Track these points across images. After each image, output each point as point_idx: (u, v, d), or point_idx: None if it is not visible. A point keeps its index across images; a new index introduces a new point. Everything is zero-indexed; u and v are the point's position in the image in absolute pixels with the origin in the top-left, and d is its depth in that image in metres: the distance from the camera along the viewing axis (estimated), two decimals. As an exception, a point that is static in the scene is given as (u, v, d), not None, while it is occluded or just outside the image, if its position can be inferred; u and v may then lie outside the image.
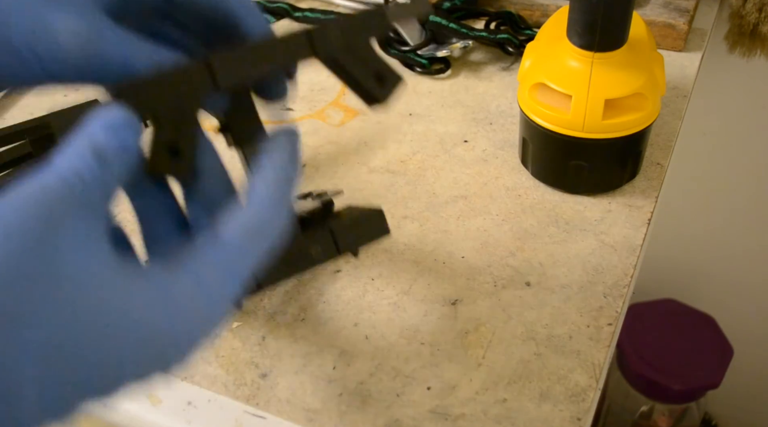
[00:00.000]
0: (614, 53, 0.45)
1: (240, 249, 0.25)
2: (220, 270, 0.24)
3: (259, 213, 0.26)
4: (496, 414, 0.38)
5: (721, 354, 0.95)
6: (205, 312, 0.24)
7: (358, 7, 0.72)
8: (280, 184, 0.27)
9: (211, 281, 0.24)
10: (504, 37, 0.63)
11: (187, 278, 0.23)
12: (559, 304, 0.43)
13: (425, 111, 0.59)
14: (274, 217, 0.26)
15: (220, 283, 0.24)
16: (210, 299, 0.24)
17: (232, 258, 0.25)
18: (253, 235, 0.25)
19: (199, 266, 0.24)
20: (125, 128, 0.24)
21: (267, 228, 0.26)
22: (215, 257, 0.24)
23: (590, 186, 0.50)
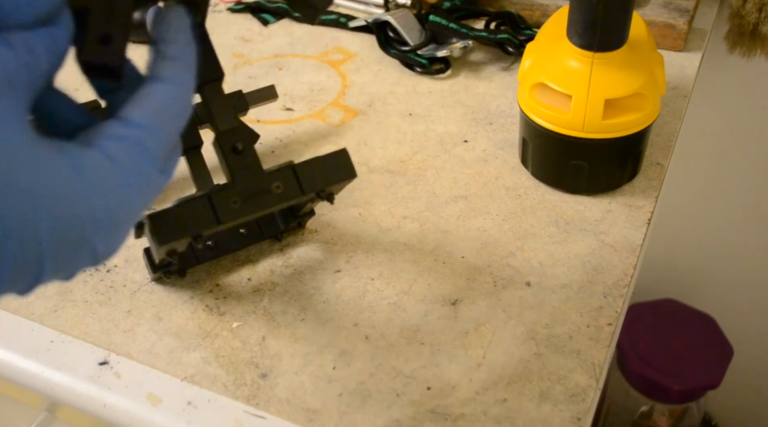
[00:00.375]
0: (614, 53, 0.45)
1: (147, 127, 0.26)
2: (130, 146, 0.25)
3: (162, 92, 0.27)
4: (496, 414, 0.38)
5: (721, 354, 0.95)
6: (120, 187, 0.25)
7: (359, 8, 0.72)
8: (180, 63, 0.28)
9: (121, 156, 0.25)
10: (504, 37, 0.63)
11: (97, 153, 0.24)
12: (559, 304, 0.43)
13: (425, 111, 0.59)
14: (177, 95, 0.27)
15: (131, 159, 0.25)
16: (123, 174, 0.25)
17: (141, 135, 0.25)
18: (158, 113, 0.26)
19: (109, 142, 0.25)
20: (54, 19, 0.25)
21: (172, 106, 0.27)
22: (124, 135, 0.25)
23: (590, 186, 0.50)
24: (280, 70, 0.65)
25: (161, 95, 0.27)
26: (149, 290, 0.45)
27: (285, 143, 0.57)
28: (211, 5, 0.76)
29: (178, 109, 0.27)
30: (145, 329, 0.43)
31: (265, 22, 0.73)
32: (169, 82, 0.27)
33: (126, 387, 0.40)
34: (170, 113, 0.27)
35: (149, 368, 0.41)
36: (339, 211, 0.50)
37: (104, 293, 0.45)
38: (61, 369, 0.41)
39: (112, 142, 0.25)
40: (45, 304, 0.45)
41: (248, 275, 0.46)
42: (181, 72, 0.28)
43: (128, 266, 0.47)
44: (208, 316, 0.43)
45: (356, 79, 0.64)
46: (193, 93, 0.28)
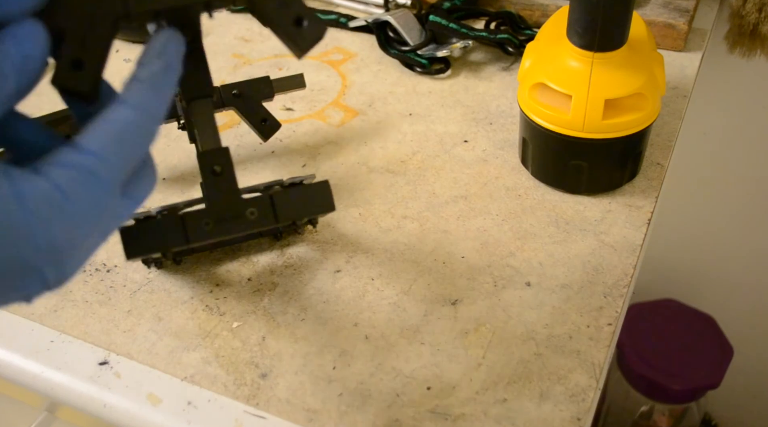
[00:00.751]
0: (614, 53, 0.45)
1: (100, 155, 0.25)
2: (80, 175, 0.24)
3: (120, 116, 0.26)
4: (496, 414, 0.38)
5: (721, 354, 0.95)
6: (66, 218, 0.24)
7: (359, 8, 0.72)
8: (147, 87, 0.27)
9: (69, 186, 0.24)
10: (504, 37, 0.63)
11: (44, 182, 0.24)
12: (559, 304, 0.43)
13: (425, 111, 0.59)
14: (137, 120, 0.26)
15: (81, 188, 0.24)
16: (70, 204, 0.24)
17: (92, 163, 0.25)
18: (114, 139, 0.26)
19: (58, 170, 0.24)
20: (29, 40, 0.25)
21: (129, 131, 0.26)
22: (75, 162, 0.24)
23: (590, 186, 0.50)
24: (280, 70, 0.65)
25: (119, 120, 0.26)
26: (149, 290, 0.45)
27: (285, 143, 0.57)
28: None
29: (137, 135, 0.26)
30: (145, 329, 0.43)
31: (265, 22, 0.73)
32: (130, 106, 0.26)
33: (126, 387, 0.40)
34: (127, 139, 0.26)
35: (149, 368, 0.41)
36: (339, 211, 0.50)
37: (104, 293, 0.45)
38: (61, 369, 0.41)
39: (60, 171, 0.24)
40: (45, 304, 0.45)
41: (248, 275, 0.46)
42: (146, 96, 0.27)
43: (128, 266, 0.47)
44: (208, 316, 0.43)
45: (356, 79, 0.64)
46: (159, 119, 0.27)
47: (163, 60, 0.28)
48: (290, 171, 0.54)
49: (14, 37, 0.24)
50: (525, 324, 0.42)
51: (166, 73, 0.28)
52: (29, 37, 0.25)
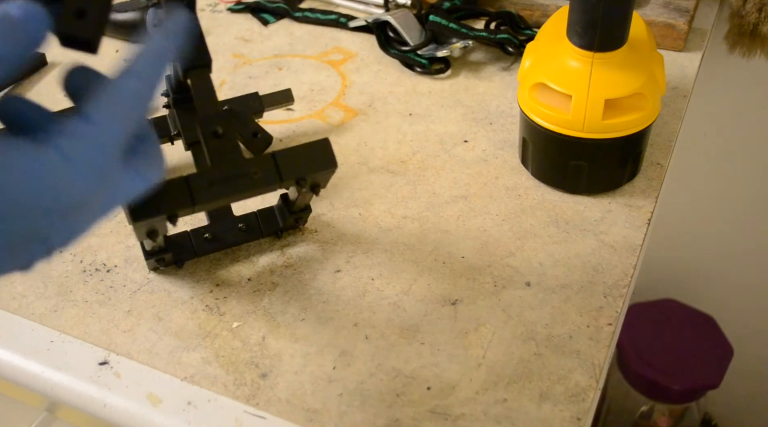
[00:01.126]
0: (614, 53, 0.45)
1: (103, 122, 0.26)
2: (84, 143, 0.25)
3: (121, 85, 0.27)
4: (496, 414, 0.38)
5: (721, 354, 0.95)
6: (73, 184, 0.25)
7: (359, 8, 0.72)
8: (146, 57, 0.28)
9: (74, 153, 0.25)
10: (504, 37, 0.63)
11: (51, 151, 0.25)
12: (559, 304, 0.43)
13: (425, 111, 0.59)
14: (136, 87, 0.27)
15: (87, 156, 0.25)
16: (77, 172, 0.25)
17: (97, 131, 0.26)
18: (115, 107, 0.26)
19: (63, 139, 0.25)
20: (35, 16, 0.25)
21: (128, 98, 0.27)
22: (80, 132, 0.25)
23: (590, 186, 0.50)
24: (280, 70, 0.65)
25: (119, 88, 0.27)
26: (149, 290, 0.45)
27: (285, 143, 0.57)
28: (211, 5, 0.76)
29: (135, 102, 0.27)
30: (145, 329, 0.43)
31: (265, 22, 0.73)
32: (130, 74, 0.27)
33: (126, 387, 0.40)
34: (126, 106, 0.27)
35: (149, 368, 0.41)
36: (339, 211, 0.50)
37: (104, 293, 0.45)
38: (61, 369, 0.41)
39: (65, 140, 0.25)
40: (45, 304, 0.45)
41: (248, 275, 0.46)
42: (145, 65, 0.28)
43: (128, 266, 0.47)
44: (208, 316, 0.43)
45: (356, 79, 0.64)
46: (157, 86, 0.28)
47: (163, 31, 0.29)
48: (290, 171, 0.54)
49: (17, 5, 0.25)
50: (525, 324, 0.42)
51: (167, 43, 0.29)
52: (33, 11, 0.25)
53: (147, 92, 0.28)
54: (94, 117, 0.26)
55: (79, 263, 0.47)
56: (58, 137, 0.25)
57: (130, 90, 0.27)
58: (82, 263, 0.47)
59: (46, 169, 0.24)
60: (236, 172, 0.36)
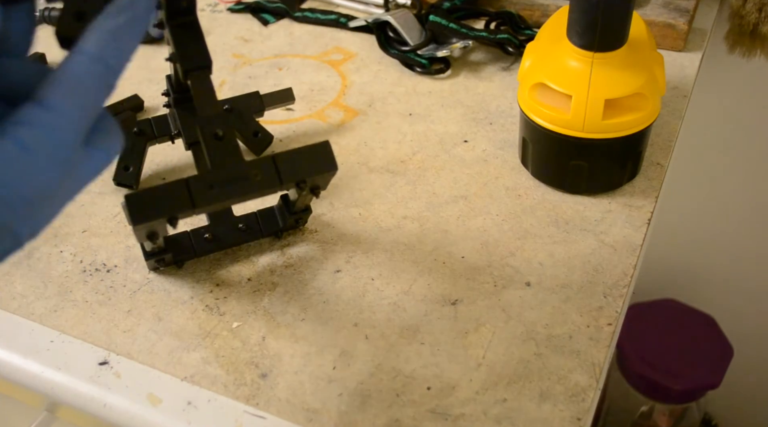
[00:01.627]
0: (614, 53, 0.45)
1: (58, 108, 0.25)
2: (45, 132, 0.25)
3: (77, 68, 0.26)
4: (496, 414, 0.38)
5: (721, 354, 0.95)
6: (33, 174, 0.25)
7: (359, 8, 0.72)
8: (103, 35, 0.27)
9: (33, 143, 0.25)
10: (504, 37, 0.63)
11: (10, 143, 0.24)
12: (559, 304, 0.43)
13: (425, 111, 0.59)
14: (94, 69, 0.26)
15: (47, 145, 0.25)
16: (38, 162, 0.25)
17: (52, 118, 0.25)
18: (71, 90, 0.26)
19: (20, 128, 0.25)
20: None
21: (86, 81, 0.26)
22: (38, 120, 0.25)
23: (590, 186, 0.50)
24: (280, 70, 0.65)
25: (75, 71, 0.26)
26: (149, 290, 0.45)
27: (285, 143, 0.57)
28: (211, 5, 0.76)
29: (94, 85, 0.26)
30: (145, 329, 0.43)
31: (265, 22, 0.73)
32: (89, 57, 0.26)
33: (126, 387, 0.40)
34: (84, 90, 0.26)
35: (149, 368, 0.41)
36: (339, 211, 0.50)
37: (104, 293, 0.45)
38: (61, 369, 0.41)
39: (23, 129, 0.25)
40: (45, 304, 0.45)
41: (248, 275, 0.46)
42: (107, 47, 0.27)
43: (128, 266, 0.47)
44: (208, 316, 0.43)
45: (356, 79, 0.64)
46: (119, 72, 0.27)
47: (132, 11, 0.28)
48: (290, 171, 0.54)
49: None
50: (525, 324, 0.42)
51: (132, 26, 0.28)
52: None
53: (106, 74, 0.27)
54: (52, 103, 0.25)
55: (79, 263, 0.47)
56: (15, 127, 0.25)
57: (87, 73, 0.26)
58: (82, 263, 0.47)
59: (4, 161, 0.24)
60: (236, 174, 0.36)
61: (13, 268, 0.47)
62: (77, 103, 0.26)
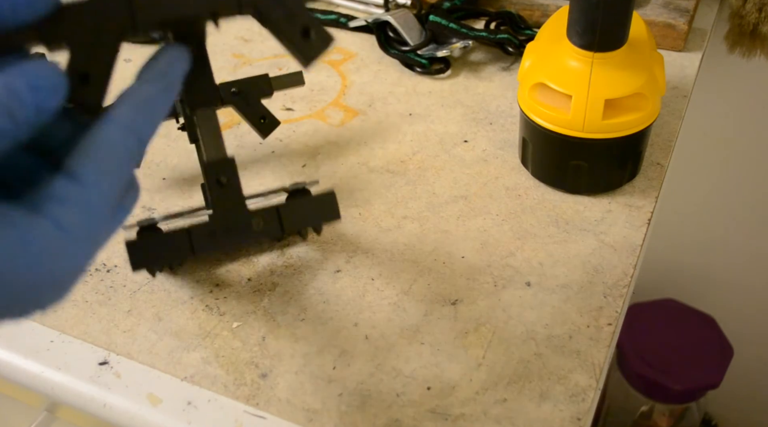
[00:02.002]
0: (614, 53, 0.45)
1: (93, 183, 0.25)
2: (76, 207, 0.24)
3: (109, 139, 0.25)
4: (496, 414, 0.38)
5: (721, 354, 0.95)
6: (66, 253, 0.24)
7: (359, 8, 0.72)
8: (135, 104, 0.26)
9: (67, 221, 0.24)
10: (504, 37, 0.63)
11: (44, 221, 0.23)
12: (559, 304, 0.43)
13: (425, 111, 0.59)
14: (126, 140, 0.26)
15: (78, 221, 0.24)
16: (72, 242, 0.24)
17: (87, 193, 0.24)
18: (105, 165, 0.25)
19: (55, 206, 0.24)
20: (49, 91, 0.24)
21: (119, 155, 0.25)
22: (70, 195, 0.24)
23: (590, 186, 0.50)
24: (280, 70, 0.65)
25: (112, 143, 0.25)
26: (149, 290, 0.45)
27: (285, 143, 0.57)
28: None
29: (126, 157, 0.26)
30: (145, 329, 0.43)
31: (265, 22, 0.73)
32: (122, 127, 0.26)
33: (126, 387, 0.40)
34: (117, 162, 0.25)
35: (149, 368, 0.41)
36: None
37: (104, 293, 0.45)
38: (61, 369, 0.41)
39: (58, 206, 0.24)
40: (45, 304, 0.45)
41: (248, 275, 0.46)
42: (140, 118, 0.26)
43: (128, 266, 0.47)
44: (208, 316, 0.43)
45: (356, 79, 0.64)
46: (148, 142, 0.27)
47: (165, 81, 0.27)
48: (290, 171, 0.54)
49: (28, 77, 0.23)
50: (525, 324, 0.42)
51: (165, 95, 0.27)
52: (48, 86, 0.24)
53: (138, 145, 0.26)
54: (85, 177, 0.24)
55: (79, 263, 0.47)
56: (50, 204, 0.24)
57: (120, 144, 0.25)
58: (82, 263, 0.47)
59: (40, 241, 0.23)
60: (238, 223, 0.36)
61: (13, 268, 0.47)
62: (110, 176, 0.25)
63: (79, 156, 0.25)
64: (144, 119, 0.26)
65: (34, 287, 0.23)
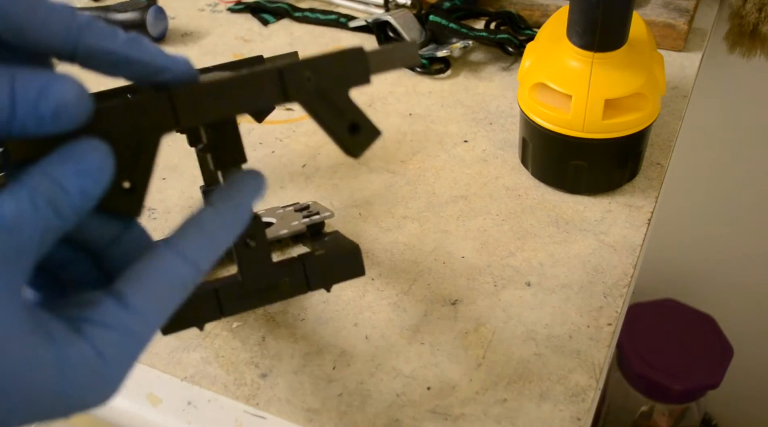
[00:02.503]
0: (614, 53, 0.45)
1: (142, 312, 0.23)
2: (121, 336, 0.23)
3: (170, 272, 0.24)
4: (496, 414, 0.38)
5: (721, 354, 0.95)
6: (104, 382, 0.23)
7: (359, 8, 0.72)
8: (206, 243, 0.25)
9: (111, 348, 0.23)
10: (504, 37, 0.63)
11: (84, 345, 0.22)
12: (559, 304, 0.43)
13: (425, 111, 0.59)
14: (188, 277, 0.24)
15: (121, 349, 0.23)
16: (108, 366, 0.23)
17: (134, 322, 0.23)
18: (158, 295, 0.24)
19: (98, 331, 0.23)
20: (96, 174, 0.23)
21: (176, 288, 0.24)
22: (117, 321, 0.23)
23: (590, 186, 0.50)
24: (280, 70, 0.65)
25: (170, 273, 0.24)
26: (149, 290, 0.45)
27: (285, 143, 0.57)
28: (211, 5, 0.76)
29: (181, 289, 0.24)
30: (145, 329, 0.43)
31: (265, 22, 0.73)
32: (185, 260, 0.24)
33: (126, 387, 0.40)
34: (171, 293, 0.24)
35: (149, 368, 0.41)
36: (339, 211, 0.50)
37: (104, 293, 0.45)
38: (61, 369, 0.41)
39: (101, 331, 0.22)
40: (45, 304, 0.45)
41: (248, 275, 0.46)
42: (204, 252, 0.25)
43: (128, 266, 0.47)
44: (208, 316, 0.43)
45: (356, 79, 0.63)
46: (205, 271, 0.25)
47: (238, 214, 0.26)
48: (290, 171, 0.54)
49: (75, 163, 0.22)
50: (525, 324, 0.42)
51: (234, 228, 0.26)
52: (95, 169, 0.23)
53: (195, 278, 0.25)
54: (136, 305, 0.23)
55: (79, 263, 0.47)
56: (92, 326, 0.22)
57: (178, 276, 0.24)
58: (82, 263, 0.47)
59: (75, 364, 0.22)
60: (266, 284, 0.35)
61: (13, 268, 0.47)
62: (161, 307, 0.24)
63: (131, 281, 0.23)
64: (207, 252, 0.25)
65: (59, 400, 0.22)
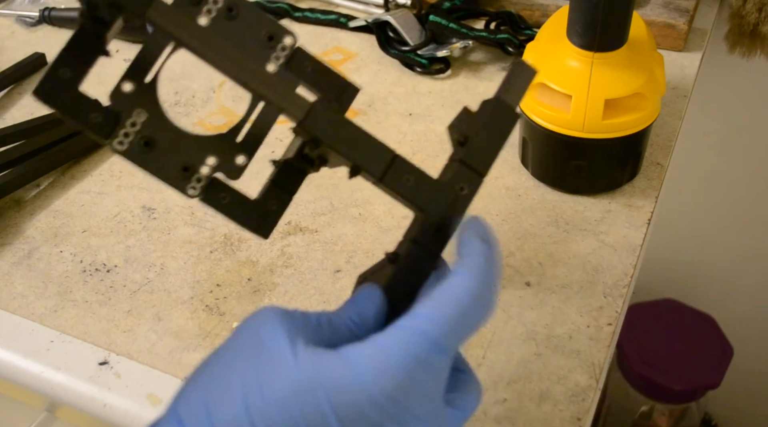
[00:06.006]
0: (614, 53, 0.45)
1: (429, 316, 0.26)
2: (404, 333, 0.25)
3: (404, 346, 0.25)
4: (496, 414, 0.38)
5: (721, 354, 0.95)
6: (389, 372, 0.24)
7: (359, 8, 0.72)
8: (482, 259, 0.28)
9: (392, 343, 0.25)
10: (504, 37, 0.63)
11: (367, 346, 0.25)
12: (559, 304, 0.43)
13: (425, 111, 0.59)
14: (473, 288, 0.27)
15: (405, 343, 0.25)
16: (392, 360, 0.24)
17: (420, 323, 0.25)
18: (445, 304, 0.26)
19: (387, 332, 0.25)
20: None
21: (463, 299, 0.26)
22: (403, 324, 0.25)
23: (590, 186, 0.50)
24: (280, 70, 0.65)
25: (455, 285, 0.26)
26: (149, 290, 0.45)
27: (285, 143, 0.57)
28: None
29: (471, 304, 0.26)
30: (145, 329, 0.43)
31: (265, 22, 0.73)
32: (468, 274, 0.27)
33: (126, 387, 0.40)
34: (461, 306, 0.26)
35: (149, 368, 0.41)
36: (339, 211, 0.50)
37: (104, 293, 0.45)
38: (61, 369, 0.41)
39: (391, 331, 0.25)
40: (45, 304, 0.45)
41: (248, 275, 0.46)
42: (483, 266, 0.28)
43: (128, 266, 0.47)
44: (208, 316, 0.43)
45: (356, 79, 0.63)
46: (492, 297, 0.28)
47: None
48: (290, 171, 0.54)
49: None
50: (525, 324, 0.42)
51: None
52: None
53: (485, 296, 0.27)
54: (423, 313, 0.26)
55: (79, 263, 0.47)
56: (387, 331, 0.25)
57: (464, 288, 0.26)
58: (82, 263, 0.47)
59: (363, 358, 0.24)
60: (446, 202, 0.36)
61: (13, 268, 0.47)
62: (451, 317, 0.26)
63: (423, 299, 0.27)
64: (487, 267, 0.29)
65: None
